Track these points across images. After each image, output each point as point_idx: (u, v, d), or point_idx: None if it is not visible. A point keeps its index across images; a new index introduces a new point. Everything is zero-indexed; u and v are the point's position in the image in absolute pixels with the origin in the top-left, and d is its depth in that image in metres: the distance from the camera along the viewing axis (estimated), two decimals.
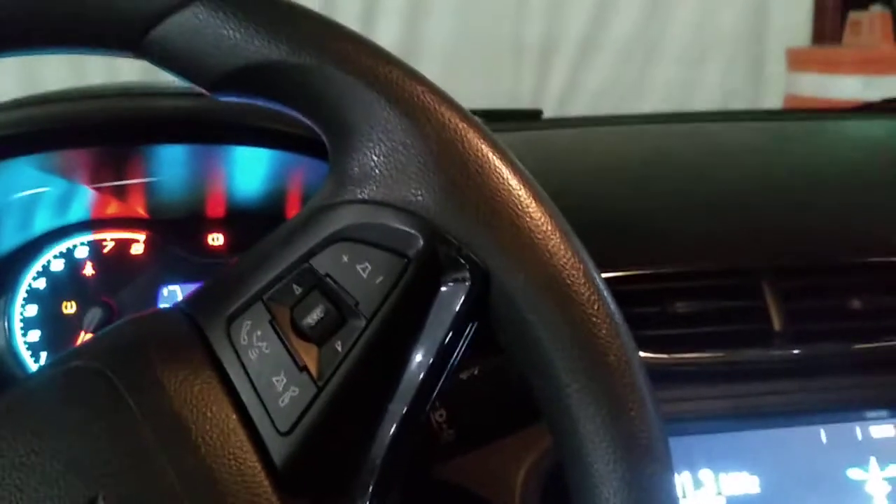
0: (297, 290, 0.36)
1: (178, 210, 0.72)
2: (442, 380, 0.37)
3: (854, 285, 0.70)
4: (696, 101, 2.84)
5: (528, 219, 0.35)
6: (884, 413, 0.69)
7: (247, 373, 0.36)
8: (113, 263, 0.73)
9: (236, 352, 0.36)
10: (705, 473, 0.66)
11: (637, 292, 0.67)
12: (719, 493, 0.66)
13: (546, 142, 0.93)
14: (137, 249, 0.74)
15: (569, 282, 0.35)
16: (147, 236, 0.73)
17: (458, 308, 0.36)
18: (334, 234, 0.37)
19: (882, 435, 0.69)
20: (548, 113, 1.18)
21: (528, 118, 1.15)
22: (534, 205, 0.36)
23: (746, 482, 0.67)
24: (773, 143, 0.90)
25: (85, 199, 0.69)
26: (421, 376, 0.36)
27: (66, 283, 0.73)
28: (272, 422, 0.35)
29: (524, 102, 2.70)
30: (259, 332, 0.36)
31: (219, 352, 0.37)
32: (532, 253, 0.35)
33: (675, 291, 0.68)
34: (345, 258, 0.36)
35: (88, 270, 0.73)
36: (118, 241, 0.73)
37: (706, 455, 0.67)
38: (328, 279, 0.36)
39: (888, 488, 0.67)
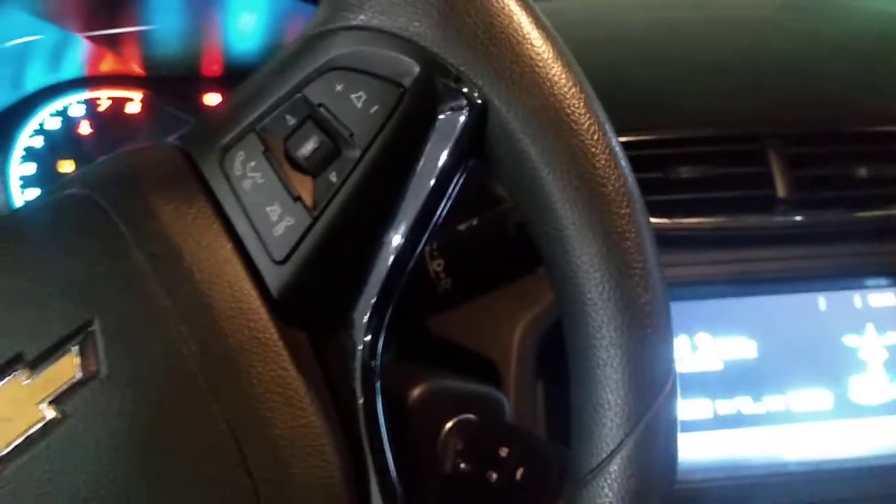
0: (291, 120, 0.35)
1: (175, 67, 0.71)
2: (437, 216, 0.37)
3: (860, 153, 0.69)
4: None
5: (528, 45, 0.34)
6: (883, 281, 0.69)
7: (241, 203, 0.35)
8: (109, 122, 0.72)
9: (230, 182, 0.36)
10: (704, 338, 0.67)
11: (640, 157, 0.66)
12: (717, 358, 0.67)
13: (551, 12, 0.91)
14: (134, 108, 0.72)
15: (568, 111, 0.34)
16: (143, 95, 0.72)
17: (454, 139, 0.35)
18: (328, 63, 0.36)
19: (881, 303, 0.69)
20: None
21: None
22: (535, 32, 0.35)
23: (744, 347, 0.67)
24: (782, 12, 0.88)
25: (79, 53, 0.67)
26: (416, 209, 0.36)
27: (63, 141, 0.72)
28: (267, 251, 0.35)
29: None
30: (253, 163, 0.36)
31: (212, 183, 0.36)
32: (531, 81, 0.34)
33: (679, 157, 0.67)
34: (339, 87, 0.35)
35: (85, 129, 0.72)
36: (114, 100, 0.72)
37: (705, 319, 0.67)
38: (322, 109, 0.35)
39: (884, 355, 0.68)
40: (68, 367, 0.33)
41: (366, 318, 0.36)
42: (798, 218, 0.67)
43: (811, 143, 0.69)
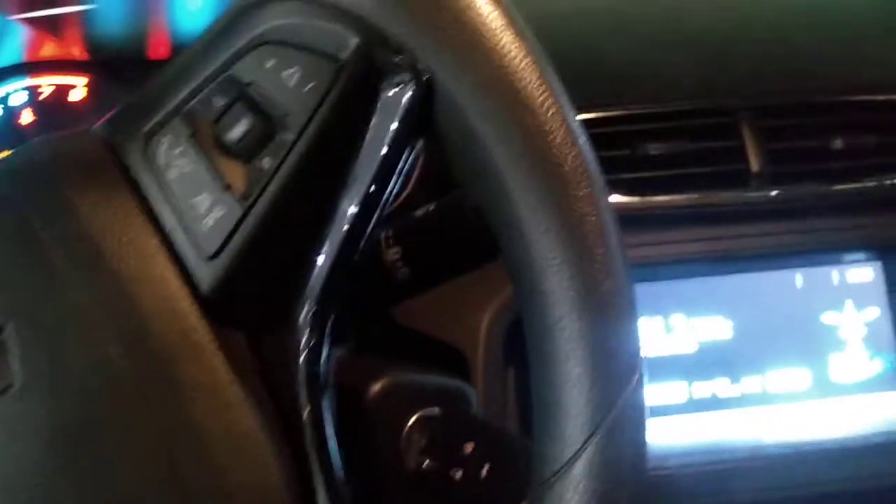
0: (219, 101, 0.33)
1: (120, 50, 0.68)
2: (384, 202, 0.34)
3: (834, 124, 0.68)
4: None
5: (475, 13, 0.31)
6: (861, 256, 0.67)
7: (166, 193, 0.33)
8: (53, 110, 0.69)
9: (154, 171, 0.33)
10: (677, 318, 0.65)
11: (609, 134, 0.65)
12: (692, 338, 0.65)
13: None
14: (78, 95, 0.69)
15: (520, 84, 0.31)
16: (88, 80, 0.69)
17: (399, 117, 0.32)
18: (258, 37, 0.33)
19: (859, 279, 0.67)
20: None
21: None
22: None
23: (720, 327, 0.65)
24: None
25: (17, 37, 0.64)
26: (360, 195, 0.33)
27: (4, 131, 0.69)
28: (196, 245, 0.32)
29: None
30: (179, 150, 0.33)
31: (136, 172, 0.33)
32: (479, 51, 0.31)
33: (650, 132, 0.66)
34: (270, 63, 0.32)
35: (27, 118, 0.69)
36: (57, 87, 0.69)
37: (679, 299, 0.65)
38: (252, 88, 0.32)
39: (863, 332, 0.66)
40: None
41: (309, 317, 0.34)
42: (773, 192, 0.65)
43: (784, 116, 0.67)
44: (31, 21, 0.63)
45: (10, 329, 0.30)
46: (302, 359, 0.34)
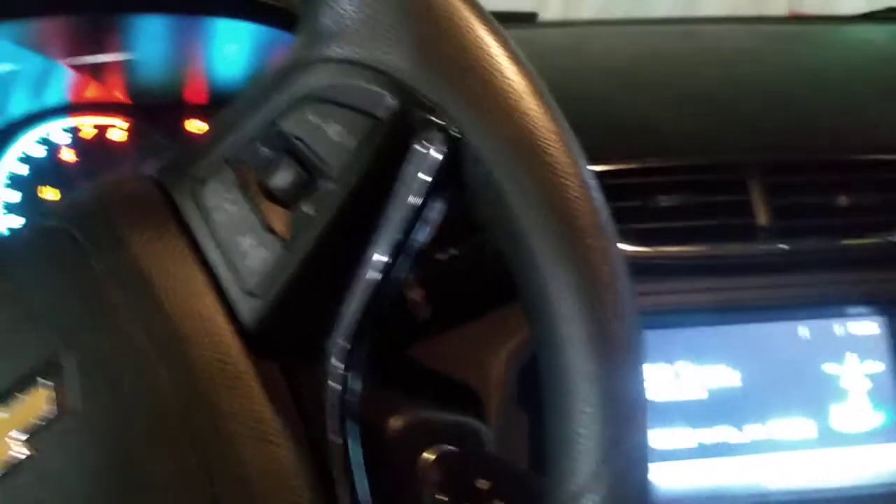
0: (265, 151, 0.36)
1: (159, 94, 0.71)
2: (414, 246, 0.37)
3: (840, 182, 0.70)
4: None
5: (501, 78, 0.34)
6: (864, 310, 0.69)
7: (213, 234, 0.36)
8: (93, 149, 0.72)
9: (203, 213, 0.36)
10: (685, 365, 0.67)
11: (622, 186, 0.67)
12: (699, 386, 0.67)
13: (537, 41, 0.92)
14: (118, 136, 0.73)
15: (540, 143, 0.34)
16: (128, 122, 0.73)
17: (429, 171, 0.35)
18: (303, 95, 0.36)
19: (861, 332, 0.69)
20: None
21: (523, 20, 1.13)
22: (509, 65, 0.35)
23: (726, 375, 0.67)
24: (767, 45, 0.89)
25: (63, 81, 0.67)
26: (392, 240, 0.36)
27: (47, 168, 0.72)
28: (239, 282, 0.35)
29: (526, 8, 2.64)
30: (226, 194, 0.36)
31: (185, 214, 0.36)
32: (504, 113, 0.34)
33: (661, 185, 0.68)
34: (313, 119, 0.35)
35: (69, 156, 0.72)
36: (98, 127, 0.72)
37: (686, 347, 0.67)
38: (296, 140, 0.35)
39: (866, 384, 0.68)
40: (40, 402, 0.33)
41: (339, 352, 0.36)
42: (779, 246, 0.67)
43: (791, 172, 0.69)
44: (75, 66, 0.66)
45: (68, 356, 0.33)
46: (334, 391, 0.36)
